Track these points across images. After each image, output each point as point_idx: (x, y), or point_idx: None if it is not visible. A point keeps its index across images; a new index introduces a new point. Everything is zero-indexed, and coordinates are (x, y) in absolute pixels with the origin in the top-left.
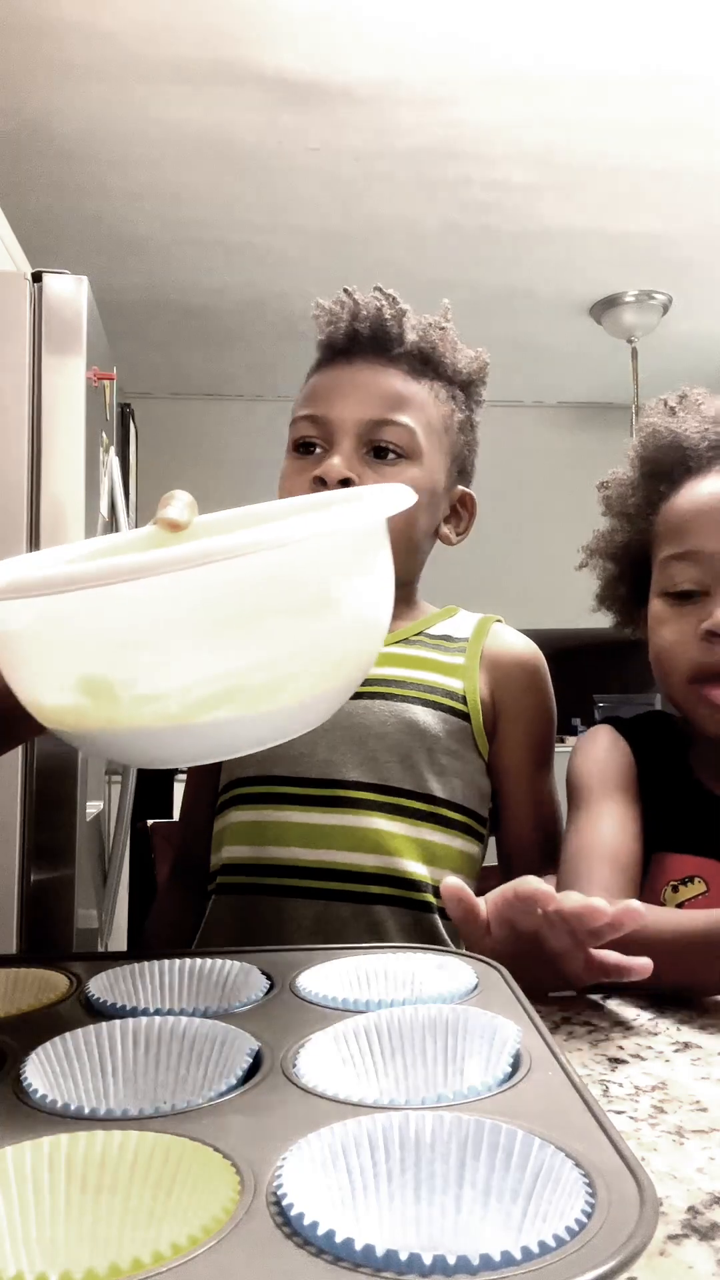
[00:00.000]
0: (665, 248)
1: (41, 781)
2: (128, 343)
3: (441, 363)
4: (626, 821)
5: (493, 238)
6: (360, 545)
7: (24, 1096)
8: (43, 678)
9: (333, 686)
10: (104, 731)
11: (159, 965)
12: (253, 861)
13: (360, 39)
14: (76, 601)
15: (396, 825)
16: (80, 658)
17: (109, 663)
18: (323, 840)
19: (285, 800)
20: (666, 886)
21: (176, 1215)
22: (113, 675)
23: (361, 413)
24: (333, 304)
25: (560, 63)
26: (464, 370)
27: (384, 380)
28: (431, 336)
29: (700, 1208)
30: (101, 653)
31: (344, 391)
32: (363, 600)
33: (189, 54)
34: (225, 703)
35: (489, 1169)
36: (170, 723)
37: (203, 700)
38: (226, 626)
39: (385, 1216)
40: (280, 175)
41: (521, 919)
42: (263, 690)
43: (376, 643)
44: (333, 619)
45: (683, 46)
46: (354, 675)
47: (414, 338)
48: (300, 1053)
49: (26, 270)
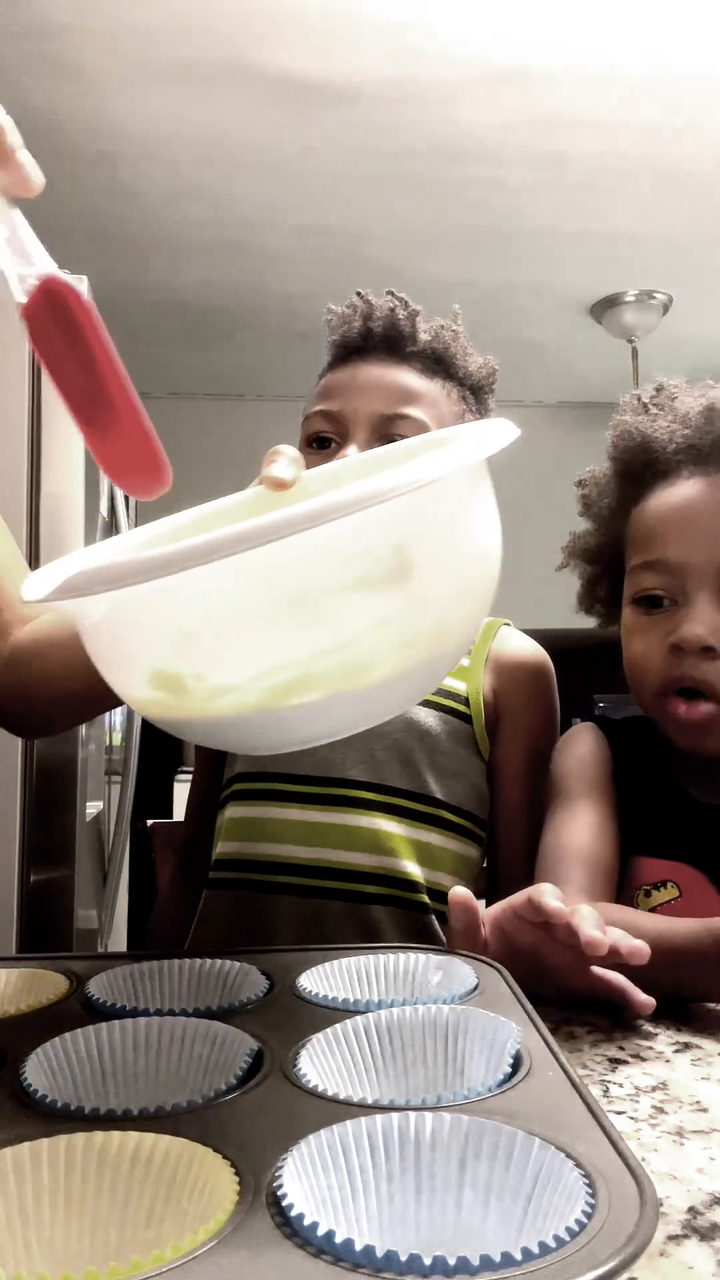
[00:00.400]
0: (665, 248)
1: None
2: (128, 343)
3: (453, 364)
4: (605, 824)
5: (493, 238)
6: (450, 497)
7: (24, 1096)
8: (121, 672)
9: (430, 657)
10: (192, 721)
11: (159, 965)
12: (247, 857)
13: (360, 39)
14: (132, 596)
15: (394, 825)
16: (149, 653)
17: (175, 657)
18: (318, 838)
19: (283, 798)
20: (640, 891)
21: (176, 1216)
22: (182, 669)
23: (375, 406)
24: (345, 307)
25: (560, 62)
26: (474, 374)
27: (398, 376)
28: (444, 337)
29: (700, 1208)
30: (166, 647)
31: (358, 386)
32: (460, 557)
33: (189, 54)
34: (307, 688)
35: (489, 1169)
36: (253, 712)
37: (281, 687)
38: (293, 608)
39: (385, 1217)
40: (280, 175)
41: (520, 935)
42: (350, 671)
43: (479, 602)
44: (420, 586)
45: (683, 46)
46: (458, 641)
47: (427, 338)
48: (300, 1053)
49: None
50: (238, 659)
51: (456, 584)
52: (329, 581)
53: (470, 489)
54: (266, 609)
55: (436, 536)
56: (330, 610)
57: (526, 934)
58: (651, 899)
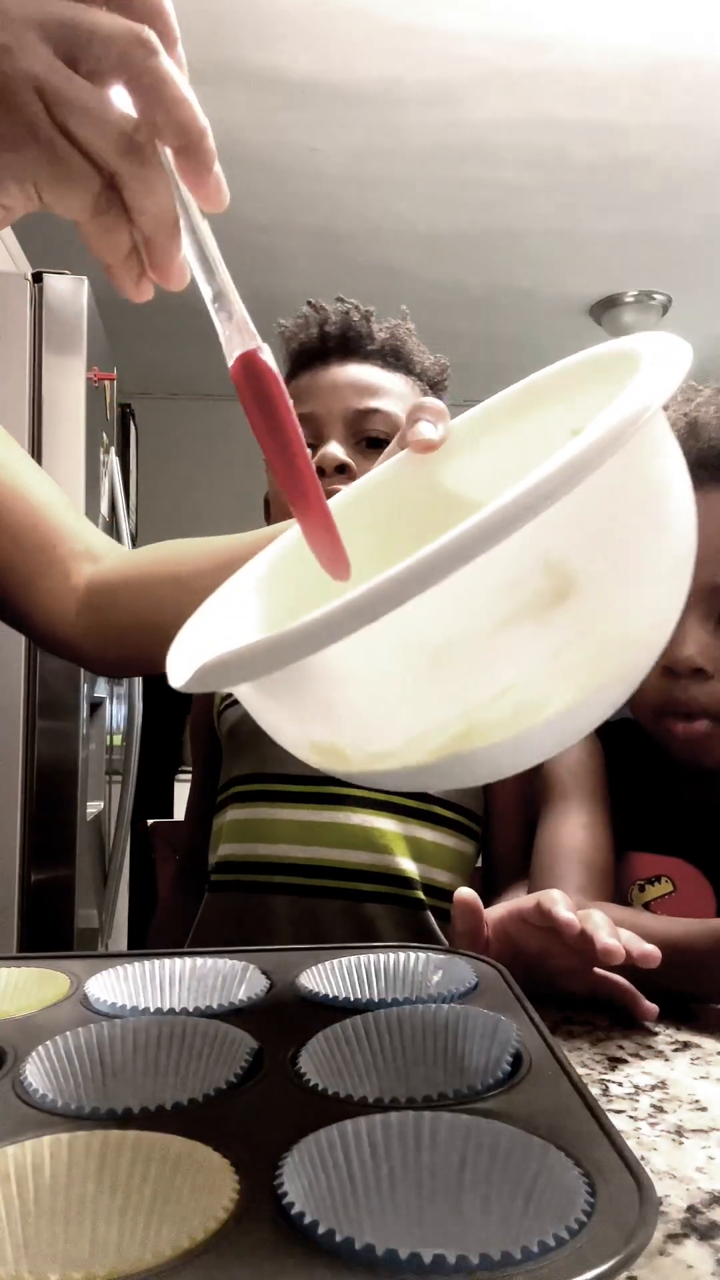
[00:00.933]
0: (665, 248)
1: (41, 781)
2: (128, 343)
3: (410, 359)
4: (600, 822)
5: (493, 238)
6: (612, 470)
7: (24, 1096)
8: (281, 737)
9: (623, 664)
10: (359, 776)
11: (159, 965)
12: (244, 859)
13: (360, 39)
14: (268, 681)
15: (388, 822)
16: (299, 728)
17: (325, 730)
18: (313, 837)
19: (277, 798)
20: (634, 885)
21: (176, 1216)
22: (336, 740)
23: (346, 404)
24: (297, 318)
25: (561, 62)
26: (430, 370)
27: (362, 373)
28: (399, 334)
29: (700, 1207)
30: (314, 721)
31: (325, 388)
32: (638, 543)
33: (189, 54)
34: (477, 738)
35: (489, 1168)
36: (418, 766)
37: (445, 745)
38: (436, 666)
39: (385, 1216)
40: (280, 175)
41: (525, 939)
42: (525, 710)
43: (676, 583)
44: (588, 598)
45: (683, 46)
46: (658, 635)
47: (384, 335)
48: (300, 1052)
49: (27, 270)
50: (387, 727)
51: (638, 576)
52: (472, 628)
53: (639, 447)
54: (404, 672)
55: (598, 530)
56: (480, 659)
57: (532, 938)
58: (645, 894)
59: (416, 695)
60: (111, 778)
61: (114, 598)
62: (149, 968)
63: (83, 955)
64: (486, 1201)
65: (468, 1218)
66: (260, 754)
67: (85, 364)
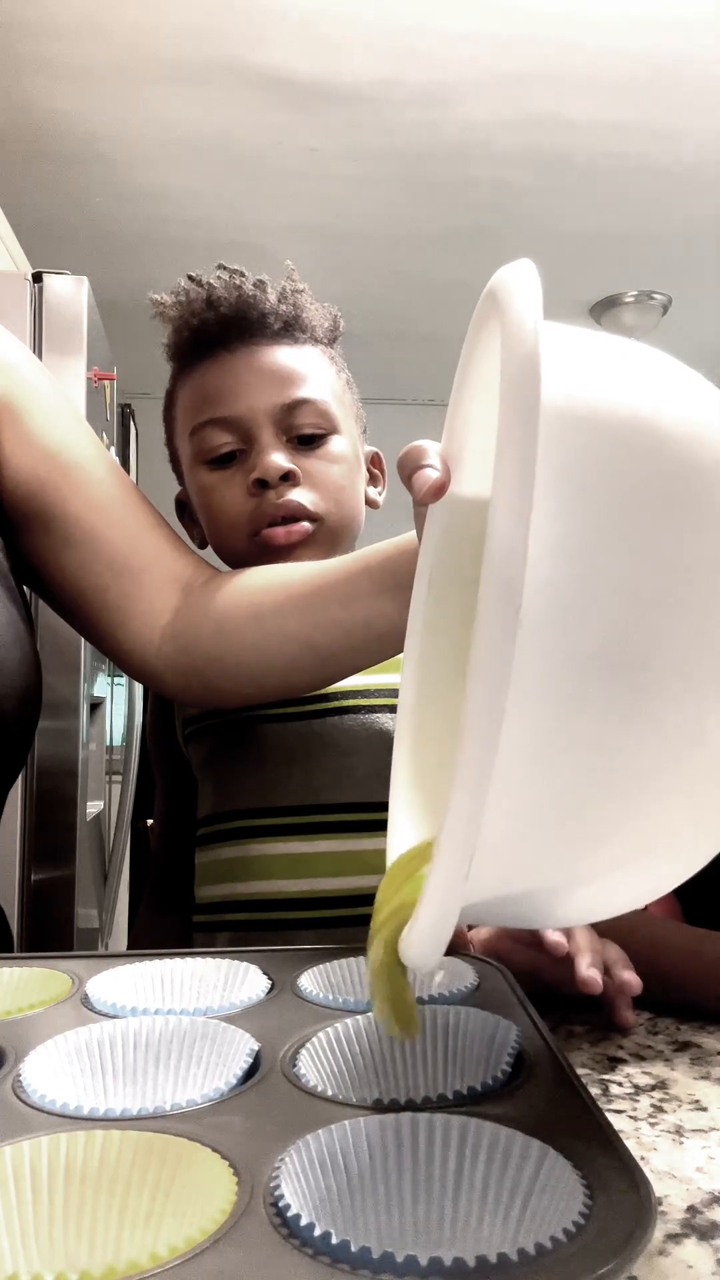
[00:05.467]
0: (665, 248)
1: (41, 781)
2: (128, 343)
3: (311, 325)
4: None
5: (493, 238)
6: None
7: (24, 1096)
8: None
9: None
10: None
11: (159, 965)
12: (236, 898)
13: (360, 39)
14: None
15: (382, 843)
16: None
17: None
18: (308, 869)
19: (264, 832)
20: None
21: (174, 1216)
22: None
23: (272, 399)
24: (176, 294)
25: (560, 62)
26: (328, 328)
27: (277, 359)
28: (296, 300)
29: (700, 1207)
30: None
31: (242, 384)
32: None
33: (189, 54)
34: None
35: (487, 1170)
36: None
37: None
38: (565, 831)
39: (382, 1218)
40: (280, 175)
41: (515, 957)
42: (654, 850)
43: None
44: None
45: (683, 46)
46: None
47: (283, 306)
48: (300, 1053)
49: (27, 271)
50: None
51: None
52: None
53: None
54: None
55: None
56: (611, 814)
57: (522, 955)
58: None
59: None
60: (111, 778)
61: (196, 634)
62: (149, 968)
63: (83, 955)
64: (484, 1202)
65: (466, 1220)
66: (238, 786)
67: (85, 364)
